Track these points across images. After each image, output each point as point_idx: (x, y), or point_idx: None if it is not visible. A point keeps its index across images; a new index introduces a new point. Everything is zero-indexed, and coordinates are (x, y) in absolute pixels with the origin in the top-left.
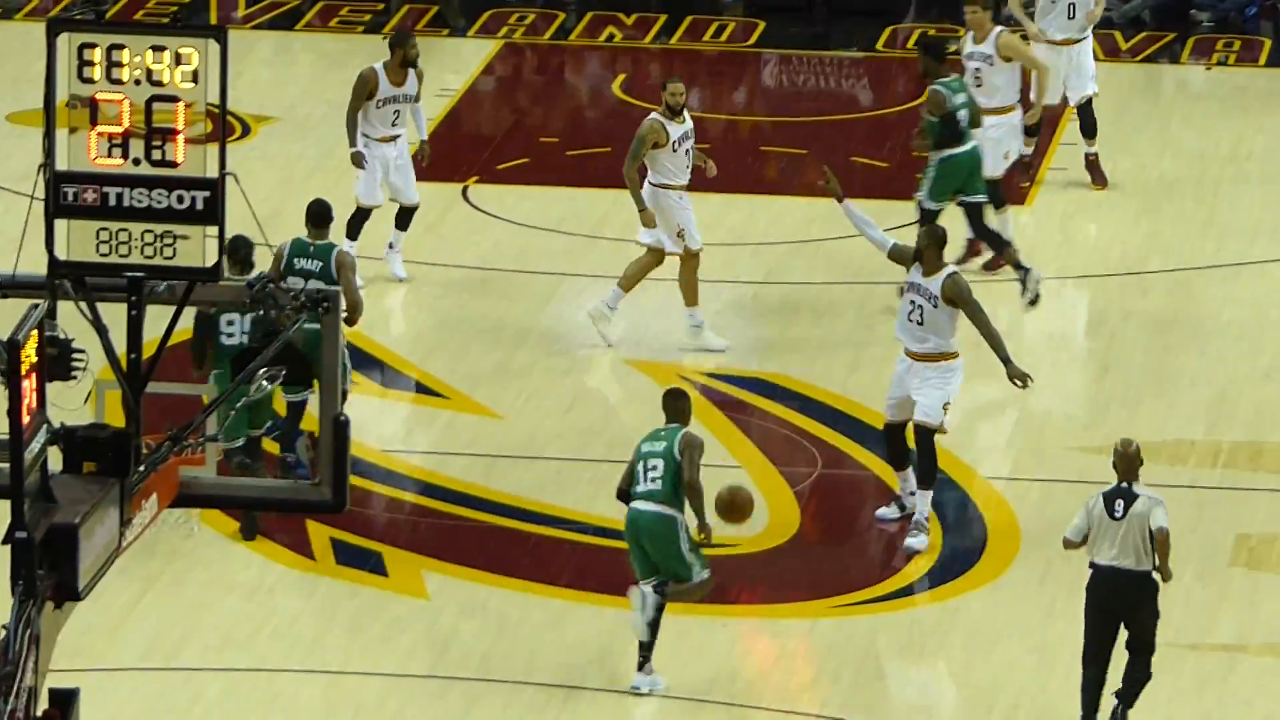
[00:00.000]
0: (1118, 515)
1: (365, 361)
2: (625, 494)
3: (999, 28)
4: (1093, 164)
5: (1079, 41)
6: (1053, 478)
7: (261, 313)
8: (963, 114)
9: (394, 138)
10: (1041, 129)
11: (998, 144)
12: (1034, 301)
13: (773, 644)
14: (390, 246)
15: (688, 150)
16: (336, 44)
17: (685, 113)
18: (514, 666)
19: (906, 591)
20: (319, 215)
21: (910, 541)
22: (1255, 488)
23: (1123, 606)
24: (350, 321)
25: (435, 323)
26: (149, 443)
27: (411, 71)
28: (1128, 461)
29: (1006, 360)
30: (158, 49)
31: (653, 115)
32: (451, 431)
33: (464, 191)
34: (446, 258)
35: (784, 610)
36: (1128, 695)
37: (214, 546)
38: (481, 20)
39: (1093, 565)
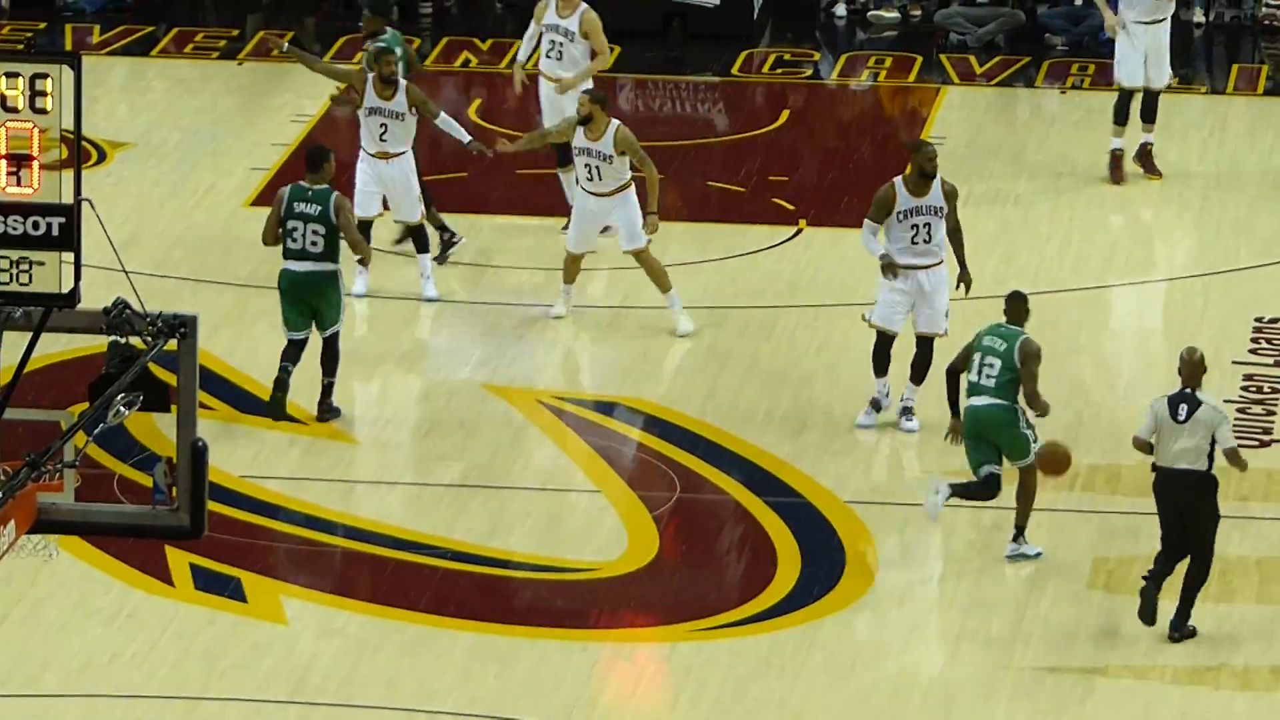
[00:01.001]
0: (1181, 419)
1: (222, 386)
2: (956, 372)
3: None
4: (1147, 155)
5: (1159, 23)
6: (911, 501)
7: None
8: None
9: (386, 155)
10: None
11: None
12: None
13: (632, 668)
14: (421, 275)
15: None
16: (191, 70)
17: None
18: (373, 691)
19: (766, 615)
20: (314, 159)
21: (907, 425)
22: (1113, 510)
23: (1184, 505)
24: (363, 263)
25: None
26: (7, 469)
27: (400, 85)
28: (1192, 368)
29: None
30: (11, 75)
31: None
32: (309, 457)
33: None
34: None
35: (643, 634)
36: (1187, 599)
37: (73, 572)
38: (336, 46)
39: (1155, 467)
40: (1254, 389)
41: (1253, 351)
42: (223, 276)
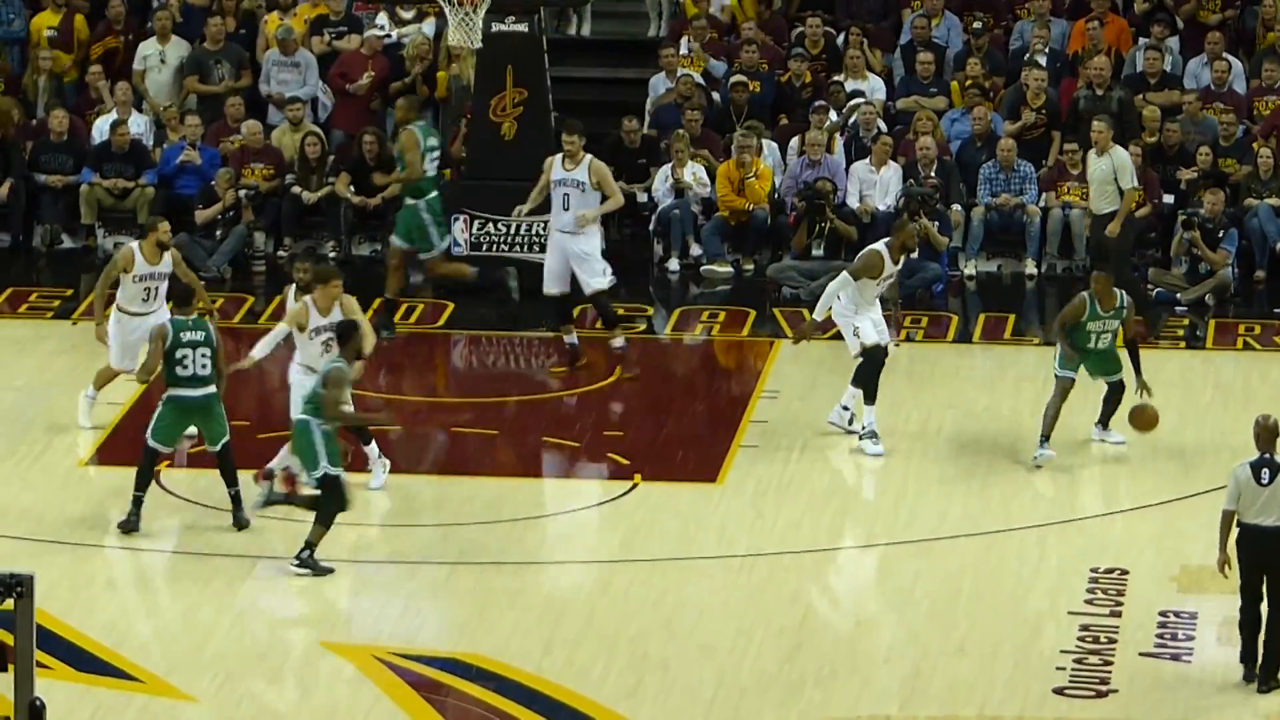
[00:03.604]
0: (1264, 482)
1: (59, 645)
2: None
3: None
4: None
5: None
6: None
7: None
8: None
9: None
10: None
11: None
12: None
13: None
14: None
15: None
16: (25, 330)
17: None
18: None
19: None
20: (183, 297)
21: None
22: None
23: (1267, 560)
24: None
25: (129, 603)
26: None
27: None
28: (1270, 434)
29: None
30: None
31: None
32: (145, 716)
33: (156, 475)
34: (142, 540)
35: None
36: (1271, 652)
37: None
38: None
39: (1240, 524)
40: (1090, 639)
41: (1089, 602)
42: (59, 536)
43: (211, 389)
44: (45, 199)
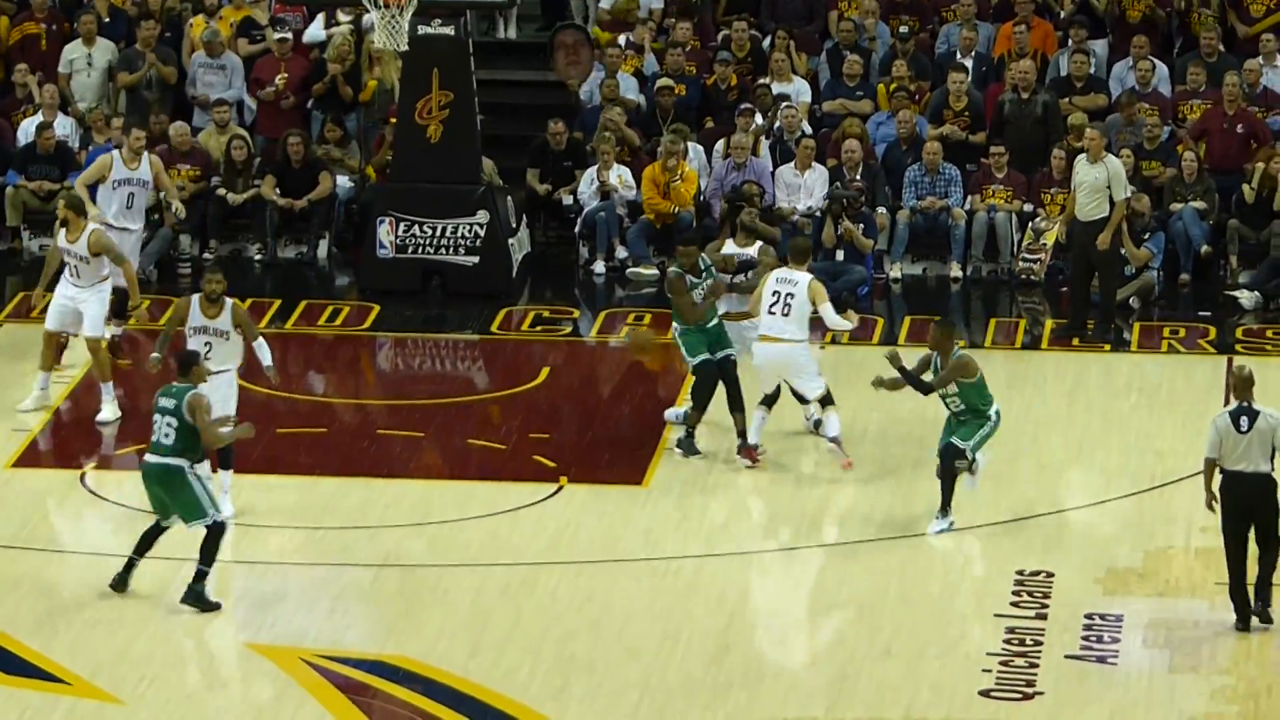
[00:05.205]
0: (1243, 430)
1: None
2: None
3: None
4: None
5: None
6: None
7: None
8: None
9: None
10: None
11: None
12: None
13: None
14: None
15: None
16: None
17: None
18: None
19: None
20: (185, 363)
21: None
22: None
23: (1250, 504)
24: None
25: (55, 605)
26: None
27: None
28: (1245, 383)
29: None
30: None
31: None
32: (73, 713)
33: (81, 478)
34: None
35: None
36: (1264, 584)
37: None
38: None
39: (1223, 470)
40: (1016, 641)
41: (1015, 604)
42: None
43: (171, 460)
44: None
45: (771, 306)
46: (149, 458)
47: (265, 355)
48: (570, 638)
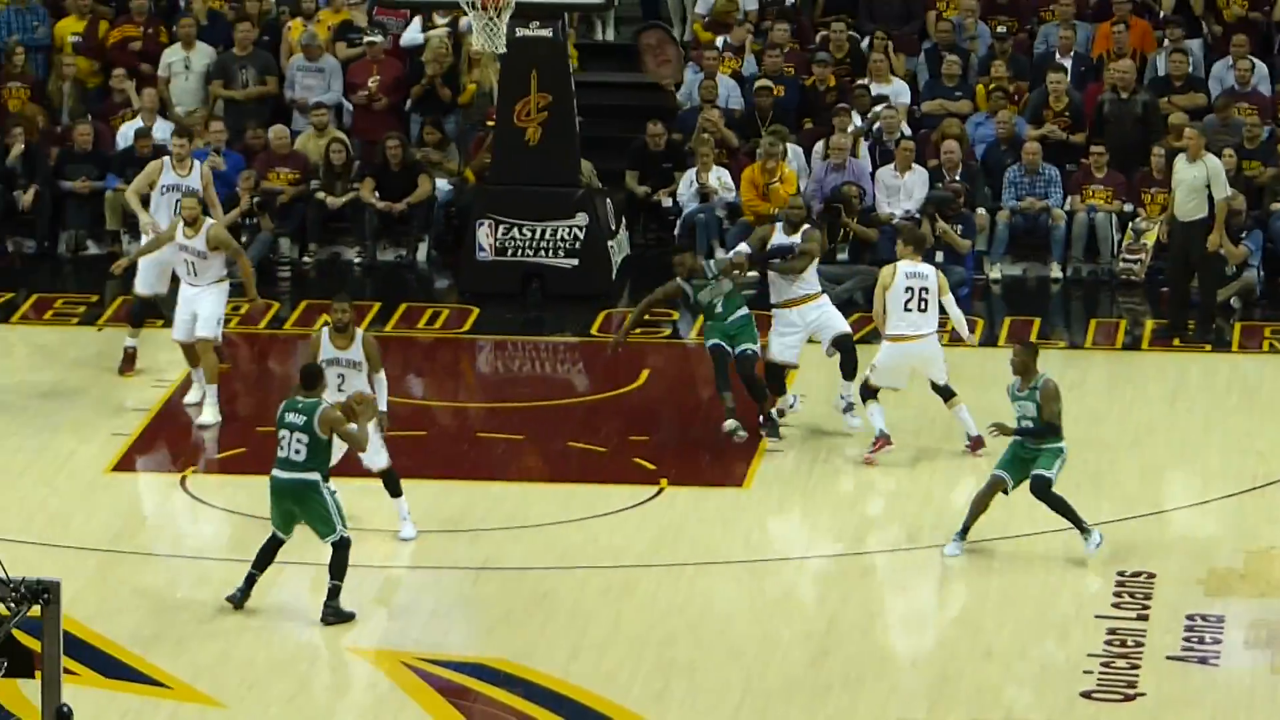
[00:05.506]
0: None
1: (86, 651)
2: None
3: None
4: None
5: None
6: None
7: None
8: None
9: None
10: None
11: None
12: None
13: None
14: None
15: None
16: (51, 336)
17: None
18: None
19: None
20: (308, 377)
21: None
22: None
23: None
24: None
25: (156, 609)
26: None
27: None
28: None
29: None
30: None
31: None
32: (175, 717)
33: (182, 481)
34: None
35: None
36: None
37: None
38: None
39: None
40: (1118, 642)
41: (1115, 605)
42: (85, 542)
43: (302, 475)
44: (70, 205)
45: (908, 304)
46: (278, 473)
47: (382, 396)
48: (671, 640)
